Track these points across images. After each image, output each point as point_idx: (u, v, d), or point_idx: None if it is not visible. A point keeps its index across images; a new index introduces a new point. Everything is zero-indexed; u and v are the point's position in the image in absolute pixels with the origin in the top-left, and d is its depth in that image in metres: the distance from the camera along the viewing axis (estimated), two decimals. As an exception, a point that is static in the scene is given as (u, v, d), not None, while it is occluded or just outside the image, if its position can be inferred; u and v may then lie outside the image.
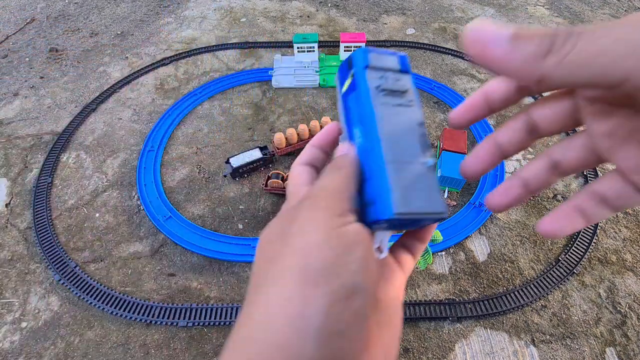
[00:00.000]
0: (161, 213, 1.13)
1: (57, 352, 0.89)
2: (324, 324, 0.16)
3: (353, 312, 0.17)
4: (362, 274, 0.18)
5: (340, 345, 0.17)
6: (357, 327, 0.17)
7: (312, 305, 0.17)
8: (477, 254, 1.05)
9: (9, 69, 1.70)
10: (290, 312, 0.17)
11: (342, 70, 0.27)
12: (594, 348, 0.88)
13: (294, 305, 0.17)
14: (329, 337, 0.16)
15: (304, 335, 0.16)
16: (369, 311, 0.18)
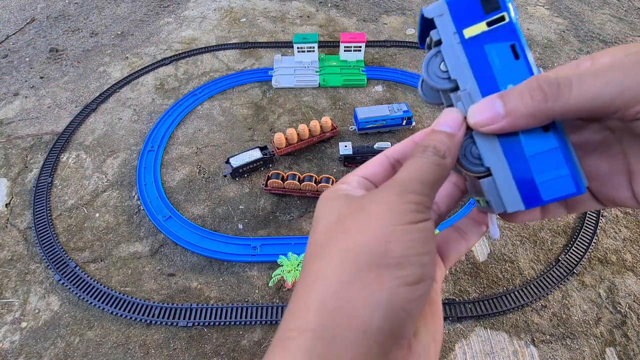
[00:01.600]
0: (161, 213, 1.13)
1: (57, 352, 0.89)
2: (394, 301, 0.19)
3: (418, 296, 0.20)
4: (431, 265, 0.20)
5: (405, 321, 0.19)
6: (418, 308, 0.20)
7: (384, 286, 0.19)
8: (477, 254, 1.05)
9: (9, 69, 1.70)
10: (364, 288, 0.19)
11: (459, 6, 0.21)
12: (594, 348, 0.88)
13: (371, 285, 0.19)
14: (398, 312, 0.19)
15: (377, 307, 0.19)
16: (427, 298, 0.21)
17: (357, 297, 0.19)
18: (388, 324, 0.19)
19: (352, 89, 1.54)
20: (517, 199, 0.21)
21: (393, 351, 0.19)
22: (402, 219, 0.20)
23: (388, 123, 1.32)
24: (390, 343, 0.19)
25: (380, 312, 0.19)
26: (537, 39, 1.80)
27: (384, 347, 0.19)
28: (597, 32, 1.83)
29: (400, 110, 1.30)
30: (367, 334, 0.18)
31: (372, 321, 0.19)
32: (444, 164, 0.21)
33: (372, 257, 0.20)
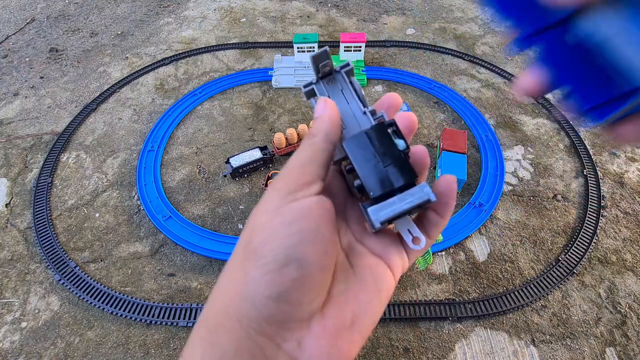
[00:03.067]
0: (161, 213, 1.13)
1: (57, 352, 0.89)
2: (257, 290, 0.19)
3: (290, 280, 0.19)
4: (298, 247, 0.20)
5: (279, 308, 0.19)
6: (297, 294, 0.20)
7: (248, 275, 0.20)
8: (477, 254, 1.05)
9: (9, 69, 1.70)
10: (234, 282, 0.21)
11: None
12: (594, 348, 0.88)
13: (236, 277, 0.21)
14: (264, 301, 0.19)
15: (244, 298, 0.20)
16: (314, 281, 0.20)
17: (229, 288, 0.21)
18: (259, 312, 0.19)
19: (352, 89, 1.54)
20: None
21: (283, 334, 0.20)
22: (267, 207, 0.21)
23: (388, 123, 1.32)
24: (273, 329, 0.20)
25: (248, 302, 0.20)
26: (537, 39, 1.80)
27: (265, 333, 0.19)
28: (597, 32, 1.83)
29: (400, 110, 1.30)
30: (243, 324, 0.19)
31: (243, 311, 0.20)
32: (314, 141, 0.23)
33: (241, 250, 0.21)
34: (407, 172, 0.22)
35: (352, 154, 0.22)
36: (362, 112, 0.25)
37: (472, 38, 1.81)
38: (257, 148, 1.23)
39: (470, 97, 1.50)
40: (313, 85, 0.26)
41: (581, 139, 1.32)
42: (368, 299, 0.23)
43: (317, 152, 0.23)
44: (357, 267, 0.23)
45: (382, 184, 0.21)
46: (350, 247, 0.24)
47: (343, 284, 0.22)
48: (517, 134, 1.36)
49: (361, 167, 0.22)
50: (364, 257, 0.24)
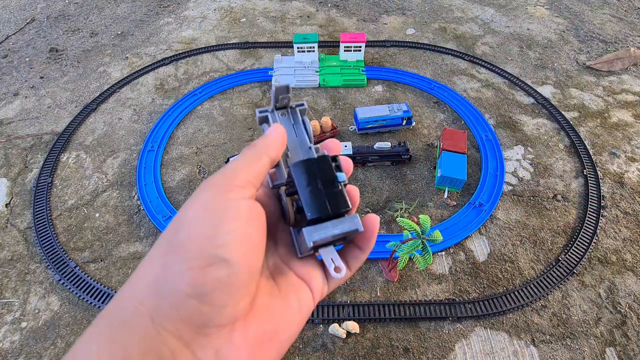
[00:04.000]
0: (161, 213, 1.13)
1: (57, 352, 0.89)
2: (178, 287, 0.18)
3: (215, 279, 0.18)
4: (228, 247, 0.19)
5: (199, 308, 0.18)
6: (222, 295, 0.19)
7: (169, 271, 0.18)
8: (477, 254, 1.05)
9: (9, 69, 1.70)
10: (152, 276, 0.19)
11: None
12: (594, 348, 0.88)
13: (155, 271, 0.19)
14: (185, 299, 0.18)
15: (162, 295, 0.18)
16: (240, 283, 0.19)
17: (143, 282, 0.19)
18: (176, 311, 0.18)
19: (352, 89, 1.54)
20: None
21: (200, 341, 0.18)
22: (197, 202, 0.21)
23: (388, 123, 1.32)
24: (189, 332, 0.18)
25: (166, 300, 0.18)
26: (537, 39, 1.80)
27: (179, 336, 0.18)
28: (597, 32, 1.83)
29: (400, 110, 1.30)
30: (156, 322, 0.18)
31: (158, 309, 0.18)
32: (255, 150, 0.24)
33: (165, 242, 0.20)
34: (343, 202, 0.24)
35: (297, 176, 0.24)
36: (308, 146, 0.28)
37: (472, 38, 1.81)
38: (257, 148, 1.23)
39: (470, 97, 1.50)
40: (268, 113, 0.29)
41: (581, 139, 1.33)
42: (290, 316, 0.23)
43: (255, 160, 0.23)
44: (281, 285, 0.24)
45: (320, 208, 0.23)
46: (276, 267, 0.25)
47: (267, 297, 0.23)
48: (517, 134, 1.36)
49: (303, 190, 0.24)
50: (289, 277, 0.25)
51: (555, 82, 1.57)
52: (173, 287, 0.18)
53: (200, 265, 0.18)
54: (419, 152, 1.30)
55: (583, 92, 1.53)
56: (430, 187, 1.20)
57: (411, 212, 1.13)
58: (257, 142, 0.25)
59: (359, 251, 0.26)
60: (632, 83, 1.56)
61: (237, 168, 0.23)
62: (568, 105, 1.47)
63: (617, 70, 1.62)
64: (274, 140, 0.25)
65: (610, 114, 1.44)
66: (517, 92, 1.53)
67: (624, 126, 1.39)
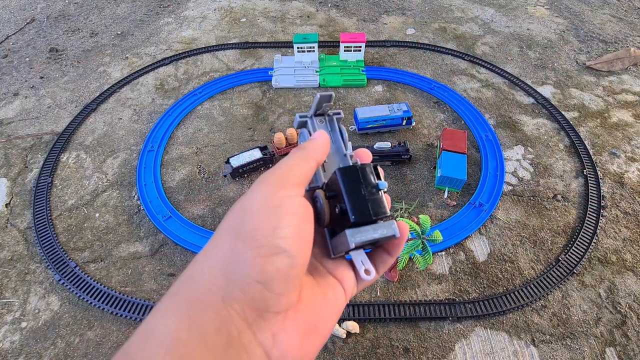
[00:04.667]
0: (161, 213, 1.13)
1: (57, 352, 0.89)
2: (247, 272, 0.20)
3: (276, 268, 0.20)
4: (288, 239, 0.21)
5: (263, 294, 0.20)
6: (281, 284, 0.20)
7: (239, 256, 0.20)
8: (477, 254, 1.05)
9: (9, 69, 1.70)
10: (222, 259, 0.21)
11: None
12: (594, 348, 0.88)
13: (226, 255, 0.21)
14: (252, 284, 0.20)
15: (231, 278, 0.20)
16: (295, 274, 0.21)
17: (214, 266, 0.21)
18: (244, 294, 0.19)
19: (352, 89, 1.54)
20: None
21: (260, 324, 0.20)
22: (258, 195, 0.22)
23: (388, 123, 1.32)
24: (253, 314, 0.20)
25: (236, 283, 0.20)
26: (537, 39, 1.80)
27: (245, 317, 0.19)
28: (597, 32, 1.83)
29: (400, 110, 1.30)
30: (226, 302, 0.19)
31: (228, 289, 0.19)
32: (305, 152, 0.26)
33: (231, 230, 0.22)
34: (384, 209, 0.25)
35: (343, 181, 0.25)
36: (344, 153, 0.30)
37: (472, 38, 1.81)
38: (257, 148, 1.23)
39: (470, 97, 1.50)
40: (307, 119, 0.31)
41: (581, 139, 1.33)
42: (328, 311, 0.24)
43: (305, 161, 0.25)
44: (320, 282, 0.26)
45: (363, 213, 0.25)
46: (313, 265, 0.27)
47: (310, 291, 0.24)
48: (517, 134, 1.36)
49: (349, 195, 0.25)
50: (325, 276, 0.26)
51: (555, 82, 1.57)
52: (243, 272, 0.20)
53: (266, 253, 0.20)
54: (419, 152, 1.30)
55: (583, 92, 1.53)
56: (430, 187, 1.20)
57: (411, 212, 1.13)
58: (306, 145, 0.27)
59: (387, 256, 0.28)
60: (632, 83, 1.56)
61: (290, 166, 0.24)
62: (568, 105, 1.47)
63: (617, 70, 1.62)
64: (320, 144, 0.27)
65: (610, 114, 1.44)
66: (517, 92, 1.53)
67: (624, 126, 1.39)
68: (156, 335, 0.19)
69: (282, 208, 0.21)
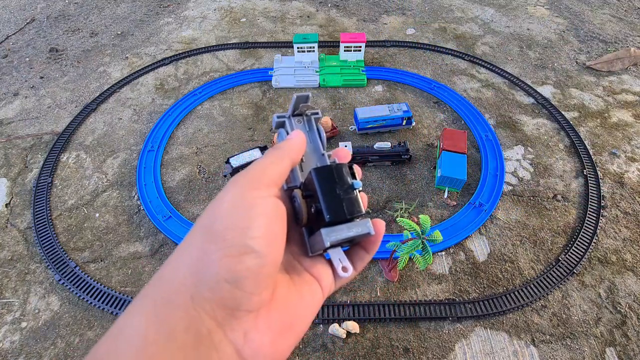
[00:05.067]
0: (161, 213, 1.13)
1: (57, 352, 0.89)
2: (216, 272, 0.20)
3: (247, 267, 0.20)
4: (258, 239, 0.21)
5: (233, 293, 0.20)
6: (251, 283, 0.20)
7: (209, 257, 0.20)
8: (477, 254, 1.05)
9: (9, 69, 1.70)
10: (193, 260, 0.21)
11: None
12: (594, 348, 0.88)
13: (196, 255, 0.21)
14: (221, 283, 0.20)
15: (201, 278, 0.20)
16: (266, 273, 0.21)
17: (183, 266, 0.21)
18: (213, 293, 0.20)
19: (352, 89, 1.54)
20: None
21: (231, 323, 0.20)
22: (229, 197, 0.22)
23: (388, 123, 1.32)
24: (223, 313, 0.20)
25: (204, 283, 0.20)
26: (537, 39, 1.80)
27: (214, 316, 0.20)
28: (597, 32, 1.83)
29: (400, 110, 1.30)
30: (195, 301, 0.20)
31: (198, 291, 0.20)
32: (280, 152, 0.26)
33: (202, 230, 0.22)
34: (358, 208, 0.26)
35: (317, 180, 0.26)
36: (321, 153, 0.31)
37: (472, 38, 1.81)
38: (257, 148, 1.23)
39: (470, 97, 1.50)
40: (285, 119, 0.31)
41: (581, 139, 1.32)
42: (304, 309, 0.25)
43: (280, 160, 0.26)
44: (295, 280, 0.26)
45: (338, 212, 0.25)
46: (290, 263, 0.27)
47: (285, 290, 0.24)
48: (517, 134, 1.36)
49: (324, 195, 0.25)
50: (301, 274, 0.27)
51: (555, 82, 1.57)
52: (212, 271, 0.20)
53: (235, 253, 0.20)
54: (419, 152, 1.30)
55: (583, 92, 1.53)
56: (430, 187, 1.20)
57: (411, 212, 1.13)
58: (281, 145, 0.27)
59: (364, 253, 0.28)
60: (632, 83, 1.56)
61: (264, 167, 0.25)
62: (568, 105, 1.47)
63: (617, 70, 1.62)
64: (295, 144, 0.27)
65: (610, 114, 1.44)
66: (517, 92, 1.53)
67: (624, 126, 1.39)
68: (125, 335, 0.19)
69: (253, 209, 0.22)
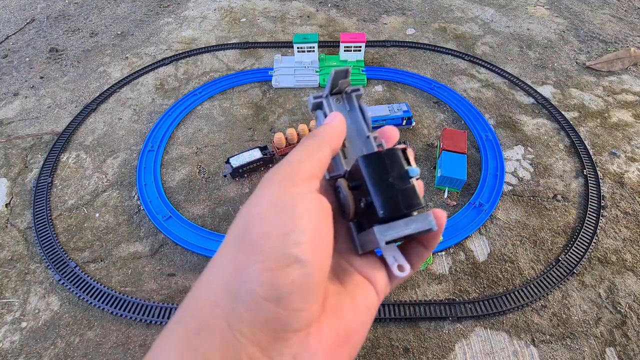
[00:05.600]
0: (161, 213, 1.13)
1: (57, 352, 0.89)
2: (254, 289, 0.17)
3: (290, 281, 0.17)
4: (303, 246, 0.18)
5: (276, 313, 0.17)
6: (297, 298, 0.17)
7: (244, 272, 0.17)
8: (477, 254, 1.05)
9: (9, 69, 1.70)
10: (226, 276, 0.18)
11: None
12: (594, 348, 0.88)
13: (229, 271, 0.18)
14: (261, 303, 0.17)
15: (236, 297, 0.17)
16: (314, 284, 0.18)
17: (217, 284, 0.18)
18: (253, 316, 0.17)
19: (352, 89, 1.54)
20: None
21: (278, 347, 0.17)
22: (263, 198, 0.19)
23: (388, 123, 1.32)
24: (267, 337, 0.17)
25: (242, 303, 0.17)
26: (537, 39, 1.80)
27: (257, 342, 0.17)
28: (597, 32, 1.83)
29: (400, 110, 1.30)
30: (233, 327, 0.17)
31: (235, 313, 0.17)
32: (317, 140, 0.22)
33: (235, 240, 0.19)
34: (417, 200, 0.22)
35: (366, 170, 0.22)
36: (366, 135, 0.26)
37: (472, 38, 1.81)
38: (257, 148, 1.23)
39: (470, 97, 1.50)
40: (322, 99, 0.27)
41: (581, 139, 1.32)
42: (359, 317, 0.21)
43: (317, 150, 0.22)
44: (347, 284, 0.22)
45: (393, 206, 0.21)
46: (339, 265, 0.23)
47: (336, 298, 0.21)
48: (517, 134, 1.36)
49: (375, 186, 0.22)
50: (353, 276, 0.23)
51: (555, 82, 1.57)
52: (249, 289, 0.17)
53: (276, 266, 0.17)
54: (419, 152, 1.30)
55: (583, 92, 1.53)
56: (430, 187, 1.20)
57: (411, 212, 1.13)
58: (318, 131, 0.23)
59: (422, 249, 0.24)
60: (632, 83, 1.56)
61: (300, 159, 0.21)
62: (568, 105, 1.47)
63: (617, 70, 1.62)
64: (334, 129, 0.24)
65: (610, 114, 1.44)
66: (517, 92, 1.53)
67: (624, 126, 1.39)
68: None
69: (294, 210, 0.19)
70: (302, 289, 0.17)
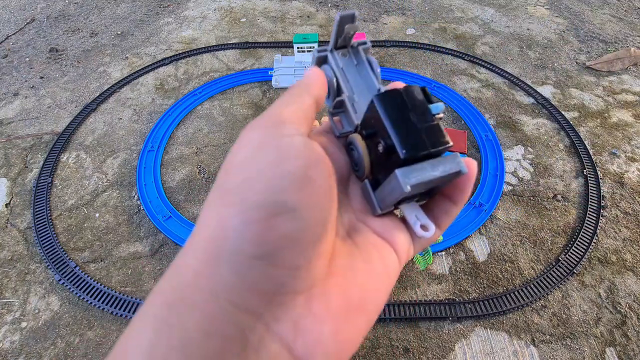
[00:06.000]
0: (161, 213, 1.13)
1: (57, 352, 0.89)
2: (241, 247, 0.14)
3: (281, 235, 0.15)
4: (295, 192, 0.15)
5: (267, 272, 0.15)
6: (290, 254, 0.15)
7: (226, 226, 0.15)
8: (477, 254, 1.05)
9: (9, 69, 1.70)
10: (206, 235, 0.15)
11: None
12: (594, 348, 0.88)
13: (212, 227, 0.15)
14: (250, 261, 0.14)
15: (219, 258, 0.15)
16: (311, 238, 0.16)
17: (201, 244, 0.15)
18: (241, 278, 0.14)
19: (352, 89, 1.54)
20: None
21: (274, 311, 0.15)
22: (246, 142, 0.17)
23: (388, 123, 1.32)
24: (260, 302, 0.15)
25: (227, 265, 0.14)
26: (537, 39, 1.80)
27: (249, 308, 0.14)
28: (597, 32, 1.83)
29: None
30: (216, 294, 0.14)
31: (220, 278, 0.14)
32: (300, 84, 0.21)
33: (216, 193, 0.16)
34: (443, 137, 0.19)
35: (383, 110, 0.20)
36: (377, 89, 0.25)
37: (472, 38, 1.81)
38: (257, 148, 1.23)
39: (470, 97, 1.50)
40: (327, 53, 0.25)
41: (581, 139, 1.32)
42: (375, 281, 0.19)
43: (297, 97, 0.20)
44: (361, 244, 0.20)
45: (417, 144, 0.18)
46: (353, 225, 0.21)
47: (346, 259, 0.19)
48: (517, 134, 1.36)
49: (395, 125, 0.19)
50: (368, 236, 0.20)
51: (555, 82, 1.57)
52: (233, 247, 0.15)
53: (262, 216, 0.15)
54: (419, 152, 1.30)
55: (583, 92, 1.53)
56: (430, 187, 1.20)
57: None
58: (296, 83, 0.22)
59: (450, 204, 0.21)
60: (632, 83, 1.56)
61: (282, 104, 0.19)
62: (568, 105, 1.47)
63: (617, 70, 1.62)
64: (313, 79, 0.22)
65: (610, 114, 1.44)
66: (517, 92, 1.53)
67: (624, 126, 1.39)
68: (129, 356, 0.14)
69: (277, 152, 0.16)
70: (295, 244, 0.15)
